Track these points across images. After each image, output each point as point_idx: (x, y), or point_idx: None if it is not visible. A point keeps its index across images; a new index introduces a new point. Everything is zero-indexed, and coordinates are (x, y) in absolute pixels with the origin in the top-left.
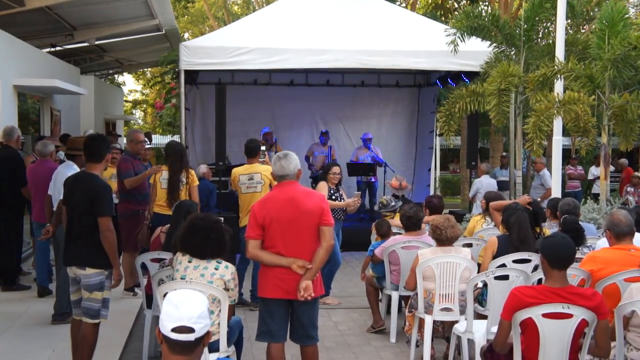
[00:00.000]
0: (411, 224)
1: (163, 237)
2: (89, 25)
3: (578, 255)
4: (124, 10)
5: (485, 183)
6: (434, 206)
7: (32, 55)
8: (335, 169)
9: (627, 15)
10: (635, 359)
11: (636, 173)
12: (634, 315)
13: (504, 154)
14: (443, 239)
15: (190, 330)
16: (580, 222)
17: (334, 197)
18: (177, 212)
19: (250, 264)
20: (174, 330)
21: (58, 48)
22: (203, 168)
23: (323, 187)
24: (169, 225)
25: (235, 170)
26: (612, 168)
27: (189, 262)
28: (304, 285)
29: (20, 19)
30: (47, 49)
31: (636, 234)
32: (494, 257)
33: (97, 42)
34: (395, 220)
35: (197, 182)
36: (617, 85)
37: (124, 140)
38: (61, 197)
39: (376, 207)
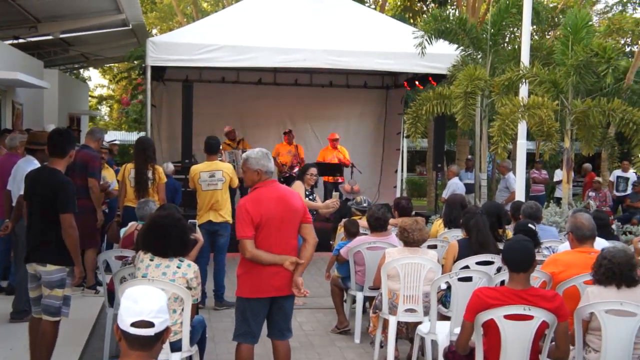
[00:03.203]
0: (378, 225)
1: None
2: (54, 17)
3: (538, 257)
4: (90, 3)
5: (459, 185)
6: (402, 208)
7: None
8: (313, 170)
9: (590, 23)
10: None
11: (597, 178)
12: (592, 318)
13: (469, 156)
14: (410, 241)
15: (150, 324)
16: (542, 225)
17: (310, 198)
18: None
19: (210, 263)
20: (134, 324)
21: (21, 40)
22: (170, 166)
23: (299, 187)
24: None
25: (195, 168)
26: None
27: (151, 260)
28: (300, 281)
29: None
30: (10, 41)
31: (597, 237)
32: (455, 261)
33: (62, 36)
34: (363, 221)
35: (164, 180)
36: (579, 91)
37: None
38: (21, 192)
39: (350, 203)
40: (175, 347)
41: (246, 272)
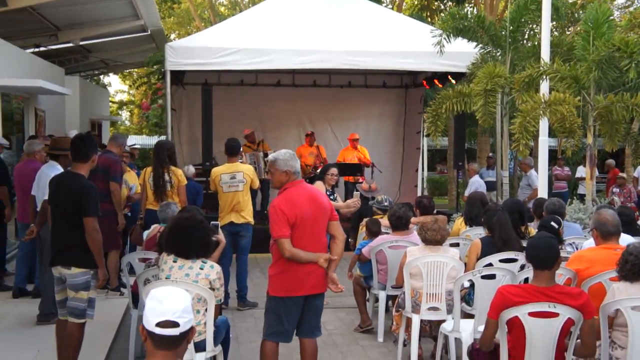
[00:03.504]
0: (400, 224)
1: None
2: (74, 25)
3: (562, 254)
4: (108, 10)
5: (480, 182)
6: (424, 206)
7: (16, 56)
8: (333, 170)
9: (611, 17)
10: (619, 357)
11: (621, 174)
12: (618, 314)
13: (491, 154)
14: (429, 239)
15: (175, 324)
16: (566, 222)
17: (331, 198)
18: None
19: (233, 264)
20: (159, 324)
21: (42, 48)
22: (191, 169)
23: (320, 187)
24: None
25: (216, 170)
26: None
27: (174, 262)
28: (335, 277)
29: (3, 19)
30: (31, 50)
31: (622, 234)
32: (479, 259)
33: (81, 43)
34: (385, 220)
35: (184, 182)
36: (602, 86)
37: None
38: (45, 197)
39: (371, 202)
40: (199, 347)
41: (281, 271)
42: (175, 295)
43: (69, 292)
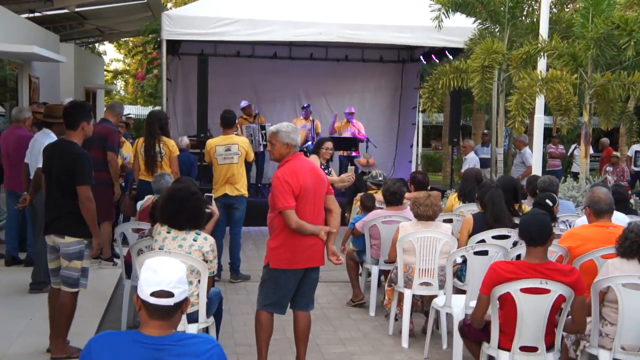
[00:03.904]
0: (394, 199)
1: None
2: None
3: (555, 232)
4: None
5: (476, 159)
6: (418, 182)
7: (10, 20)
8: (328, 144)
9: None
10: (609, 333)
11: (615, 153)
12: (609, 290)
13: (485, 131)
14: (421, 214)
15: (170, 294)
16: (559, 199)
17: (325, 172)
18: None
19: (226, 237)
20: (153, 294)
21: (37, 14)
22: (185, 140)
23: (315, 160)
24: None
25: (211, 142)
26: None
27: (168, 232)
28: (335, 249)
29: None
30: (26, 15)
31: (615, 212)
32: (470, 235)
33: (77, 9)
34: (379, 195)
35: (176, 153)
36: (599, 64)
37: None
38: (39, 165)
39: (365, 177)
40: (192, 318)
41: (282, 244)
42: (170, 266)
43: (62, 261)
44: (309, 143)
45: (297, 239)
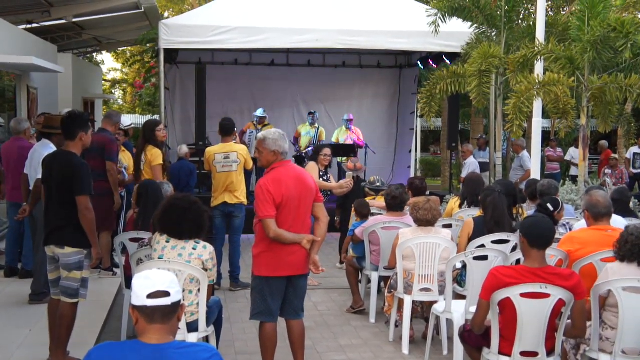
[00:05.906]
0: (395, 205)
1: None
2: (67, 1)
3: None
4: None
5: (476, 163)
6: (416, 188)
7: (8, 32)
8: (326, 151)
9: None
10: (610, 337)
11: (614, 155)
12: (609, 294)
13: (482, 135)
14: (421, 219)
15: (166, 293)
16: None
17: (324, 179)
18: (139, 193)
19: (225, 245)
20: (150, 296)
21: (34, 25)
22: (184, 148)
23: (313, 167)
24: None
25: (210, 150)
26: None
27: (167, 242)
28: (316, 259)
29: None
30: (23, 26)
31: (613, 215)
32: (471, 239)
33: (74, 20)
34: (377, 202)
35: (156, 162)
36: (596, 67)
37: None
38: (38, 176)
39: (363, 184)
40: (192, 327)
41: (264, 251)
42: (160, 272)
43: (62, 271)
44: (310, 148)
45: (278, 247)
